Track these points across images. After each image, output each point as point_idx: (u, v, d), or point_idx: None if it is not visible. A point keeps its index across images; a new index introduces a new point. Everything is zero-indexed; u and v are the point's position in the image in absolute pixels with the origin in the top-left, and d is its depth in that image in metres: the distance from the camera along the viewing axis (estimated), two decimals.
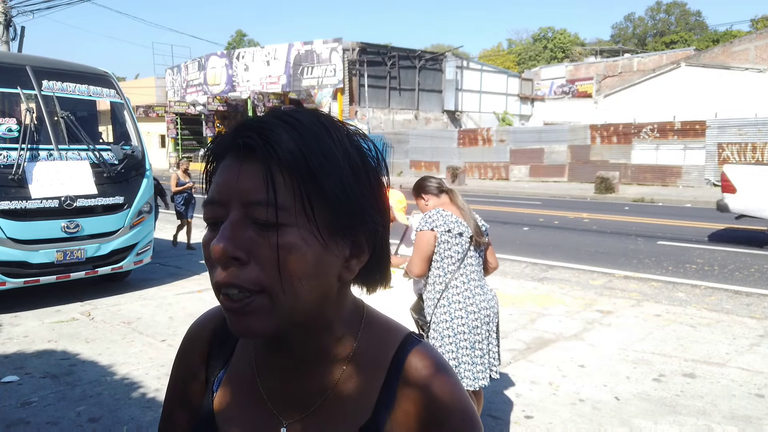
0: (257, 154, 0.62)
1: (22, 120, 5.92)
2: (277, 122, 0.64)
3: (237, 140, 0.64)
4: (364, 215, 0.67)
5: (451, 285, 2.95)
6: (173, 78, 36.11)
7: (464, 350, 2.88)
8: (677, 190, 19.28)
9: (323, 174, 0.63)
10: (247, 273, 0.62)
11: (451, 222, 2.94)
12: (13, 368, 4.46)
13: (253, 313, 0.63)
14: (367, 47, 28.38)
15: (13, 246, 5.63)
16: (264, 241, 0.62)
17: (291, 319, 0.65)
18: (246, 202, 0.62)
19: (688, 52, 37.07)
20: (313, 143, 0.64)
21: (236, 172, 0.63)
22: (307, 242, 0.63)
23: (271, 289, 0.62)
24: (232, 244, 0.61)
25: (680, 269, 7.86)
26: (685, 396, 3.97)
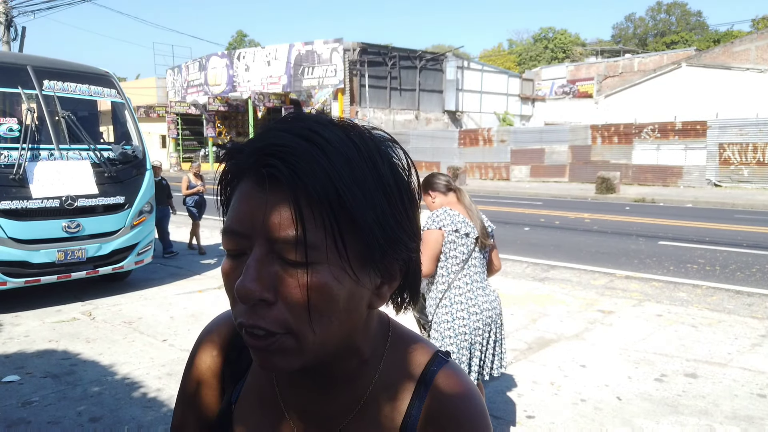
0: (283, 185, 0.57)
1: (23, 120, 5.93)
2: (303, 145, 0.58)
3: (260, 169, 0.58)
4: (398, 243, 0.62)
5: (453, 285, 2.94)
6: (174, 78, 36.10)
7: (463, 350, 2.88)
8: (678, 191, 19.26)
9: (356, 206, 0.58)
10: (273, 314, 0.58)
11: (458, 222, 2.93)
12: (14, 368, 4.46)
13: (278, 353, 0.59)
14: (367, 47, 28.37)
15: (14, 246, 5.63)
16: (292, 280, 0.57)
17: (318, 355, 0.62)
18: (272, 238, 0.57)
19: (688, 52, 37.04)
20: (345, 170, 0.58)
21: (260, 203, 0.58)
22: (338, 280, 0.59)
23: (298, 331, 0.58)
24: (260, 285, 0.57)
25: (681, 269, 7.85)
26: (687, 396, 3.96)
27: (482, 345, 2.93)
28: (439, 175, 3.22)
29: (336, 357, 0.66)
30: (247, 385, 0.76)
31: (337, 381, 0.69)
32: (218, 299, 6.46)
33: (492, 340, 2.98)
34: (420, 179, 0.70)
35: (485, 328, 2.92)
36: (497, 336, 3.02)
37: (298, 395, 0.71)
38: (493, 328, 2.98)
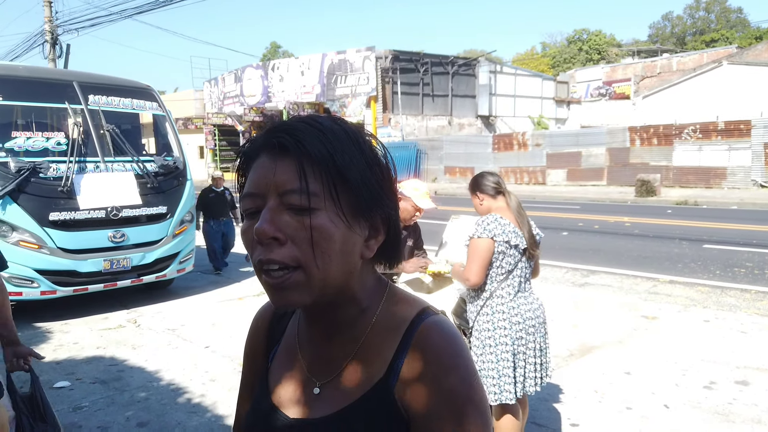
0: (290, 151, 0.73)
1: (70, 134, 6.15)
2: (304, 126, 0.76)
3: (272, 140, 0.75)
4: (379, 200, 0.78)
5: (496, 294, 2.86)
6: (211, 90, 36.89)
7: (505, 362, 2.79)
8: (722, 192, 18.67)
9: (345, 167, 0.74)
10: (285, 251, 0.72)
11: (509, 232, 2.81)
12: (65, 374, 4.61)
13: (290, 287, 0.73)
14: (399, 55, 28.46)
15: (62, 255, 5.83)
16: (298, 224, 0.72)
17: (324, 291, 0.75)
18: (282, 191, 0.73)
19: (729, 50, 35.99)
20: (336, 142, 0.75)
21: (272, 167, 0.74)
22: (334, 223, 0.74)
23: (306, 265, 0.73)
24: (272, 226, 0.72)
25: (728, 273, 7.60)
26: (738, 404, 3.83)
27: (525, 354, 2.83)
28: (487, 175, 3.04)
29: (337, 302, 0.80)
30: (280, 346, 0.93)
31: (338, 327, 0.82)
32: (257, 306, 6.55)
33: (536, 348, 2.88)
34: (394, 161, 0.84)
35: (528, 338, 2.83)
36: (542, 345, 2.92)
37: (310, 344, 0.86)
38: (537, 336, 2.88)
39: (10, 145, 5.81)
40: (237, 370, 4.65)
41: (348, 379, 0.81)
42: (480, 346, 2.86)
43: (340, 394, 0.81)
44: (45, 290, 5.80)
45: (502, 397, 2.79)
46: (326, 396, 0.82)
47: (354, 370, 0.81)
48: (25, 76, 6.33)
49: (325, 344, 0.84)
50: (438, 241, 3.58)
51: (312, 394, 0.83)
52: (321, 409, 0.82)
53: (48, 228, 5.74)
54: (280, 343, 0.93)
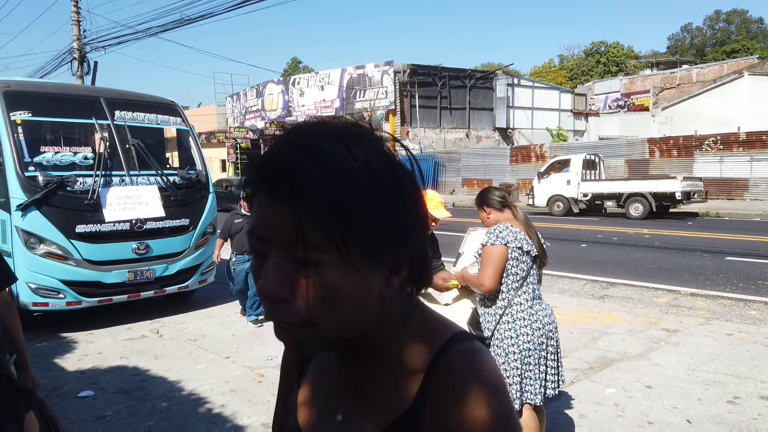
0: (285, 197, 0.64)
1: (96, 148, 6.31)
2: (305, 162, 0.64)
3: (266, 185, 0.66)
4: (399, 239, 0.69)
5: (514, 302, 2.92)
6: (233, 105, 37.46)
7: (529, 366, 2.86)
8: (744, 204, 18.39)
9: (353, 212, 0.64)
10: (293, 310, 0.67)
11: (521, 239, 2.90)
12: (89, 383, 4.69)
13: (302, 342, 0.69)
14: (417, 69, 28.64)
15: (88, 267, 5.96)
16: (304, 280, 0.65)
17: (338, 338, 0.70)
18: (284, 242, 0.65)
19: (750, 60, 35.56)
20: (341, 180, 0.64)
21: (272, 212, 0.66)
22: (344, 277, 0.66)
23: (316, 322, 0.67)
24: (277, 286, 0.66)
25: (752, 286, 7.49)
26: (763, 420, 3.77)
27: (546, 359, 2.91)
28: (493, 190, 3.16)
29: (358, 339, 0.74)
30: (310, 366, 0.88)
31: (363, 356, 0.77)
32: None
33: (553, 353, 2.95)
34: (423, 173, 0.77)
35: (548, 342, 2.91)
36: (557, 348, 3.00)
37: (337, 369, 0.81)
38: (554, 341, 2.96)
39: (39, 159, 5.98)
40: (257, 380, 4.70)
41: (372, 409, 0.76)
42: (503, 354, 2.91)
43: (363, 423, 0.77)
44: (71, 301, 5.93)
45: (524, 397, 2.87)
46: (349, 424, 0.78)
47: (379, 399, 0.76)
48: (54, 93, 6.52)
49: (350, 370, 0.79)
50: (455, 253, 3.61)
51: (335, 420, 0.79)
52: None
53: (74, 240, 5.88)
54: (311, 362, 0.89)
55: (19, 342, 2.32)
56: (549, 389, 2.95)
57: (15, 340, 2.28)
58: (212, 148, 35.54)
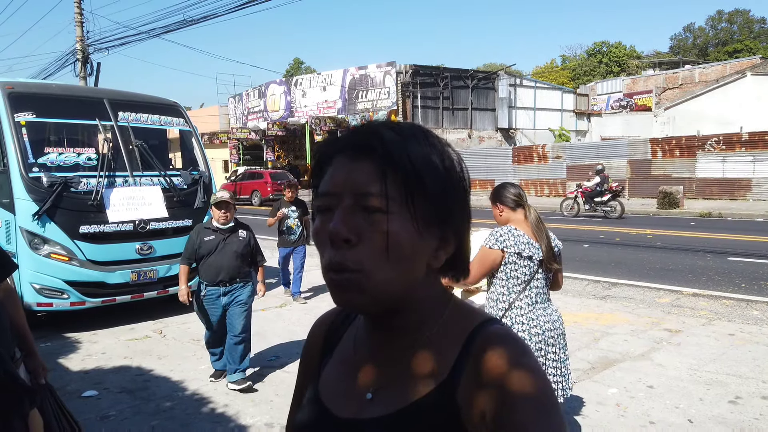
0: (373, 154, 0.74)
1: (100, 149, 6.34)
2: (388, 131, 0.76)
3: (357, 141, 0.76)
4: (452, 213, 0.78)
5: (515, 305, 2.89)
6: (235, 106, 37.50)
7: None
8: (747, 204, 18.36)
9: (425, 174, 0.74)
10: (353, 253, 0.72)
11: (522, 243, 2.86)
12: (93, 383, 4.72)
13: (353, 288, 0.73)
14: (419, 69, 28.65)
15: (92, 267, 5.99)
16: (371, 226, 0.73)
17: (385, 295, 0.75)
18: (358, 193, 0.73)
19: (753, 60, 35.46)
20: (417, 148, 0.75)
21: (351, 168, 0.75)
22: (406, 229, 0.73)
23: (372, 268, 0.73)
24: (346, 227, 0.72)
25: (754, 286, 7.48)
26: (765, 419, 3.78)
27: (545, 366, 2.84)
28: (509, 187, 3.09)
29: (400, 308, 0.79)
30: (335, 353, 0.92)
31: (400, 333, 0.81)
32: (280, 317, 6.63)
33: (556, 360, 2.89)
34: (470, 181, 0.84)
35: (547, 348, 2.85)
36: (561, 356, 2.93)
37: (369, 349, 0.85)
38: (556, 348, 2.89)
39: (43, 160, 6.01)
40: (260, 381, 4.72)
41: (404, 384, 0.79)
42: None
43: (394, 397, 0.79)
44: (74, 301, 5.96)
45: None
46: (379, 401, 0.81)
47: (412, 376, 0.79)
48: (57, 94, 6.55)
49: (384, 350, 0.83)
50: None
51: (365, 399, 0.82)
52: (373, 412, 0.80)
53: (78, 240, 5.91)
54: (334, 350, 0.93)
55: (24, 329, 2.36)
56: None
57: (19, 328, 2.32)
58: (215, 149, 35.60)
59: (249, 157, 36.81)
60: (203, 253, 4.61)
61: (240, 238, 4.69)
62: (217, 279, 4.58)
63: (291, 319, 6.56)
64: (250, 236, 4.78)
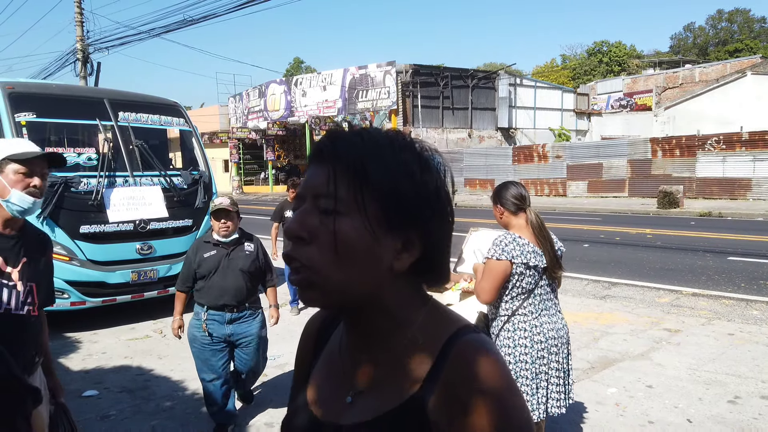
0: (326, 157, 0.77)
1: (100, 149, 6.34)
2: (348, 133, 0.79)
3: (317, 147, 0.80)
4: (416, 214, 0.77)
5: (518, 312, 2.79)
6: (235, 105, 37.51)
7: (524, 379, 2.72)
8: (747, 204, 18.36)
9: (376, 174, 0.75)
10: (306, 251, 0.75)
11: (528, 253, 2.74)
12: (93, 383, 4.73)
13: (309, 287, 0.76)
14: (419, 69, 28.65)
15: (92, 267, 5.99)
16: (323, 226, 0.75)
17: (339, 294, 0.77)
18: (314, 194, 0.77)
19: (753, 60, 35.44)
20: (373, 149, 0.76)
21: (312, 172, 0.79)
22: (357, 232, 0.74)
23: (322, 267, 0.75)
24: (299, 226, 0.76)
25: (754, 286, 7.49)
26: (763, 419, 3.79)
27: (547, 374, 2.76)
28: (511, 187, 2.92)
29: (369, 310, 0.80)
30: (323, 353, 0.94)
31: (373, 337, 0.82)
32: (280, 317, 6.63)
33: (558, 369, 2.80)
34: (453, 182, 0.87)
35: (550, 357, 2.75)
36: (564, 365, 2.84)
37: (349, 352, 0.86)
38: (559, 356, 2.80)
39: None
40: (260, 380, 4.73)
41: (380, 391, 0.80)
42: None
43: (371, 404, 0.80)
44: (75, 301, 5.97)
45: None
46: (358, 405, 0.82)
47: (387, 383, 0.80)
48: (58, 94, 6.56)
49: (360, 354, 0.84)
50: (457, 253, 3.63)
51: (344, 402, 0.83)
52: (351, 417, 0.81)
53: (78, 240, 5.92)
54: (324, 349, 0.95)
55: (46, 348, 2.41)
56: (553, 407, 2.80)
57: (43, 346, 2.37)
58: (215, 149, 35.62)
59: (249, 156, 36.84)
60: (203, 273, 3.75)
61: (246, 252, 3.84)
62: (221, 303, 3.74)
63: (291, 319, 6.56)
64: (258, 249, 3.93)
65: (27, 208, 2.05)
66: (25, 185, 2.02)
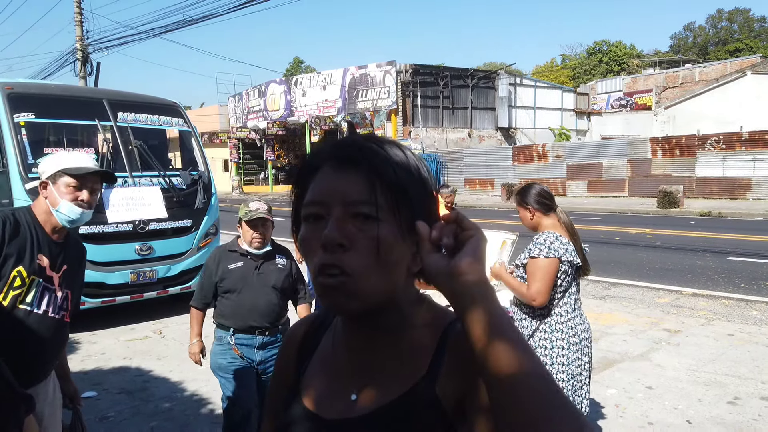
0: (359, 165, 0.79)
1: (99, 149, 6.33)
2: (369, 144, 0.82)
3: (341, 154, 0.81)
4: (429, 218, 0.81)
5: (555, 312, 2.76)
6: (235, 105, 37.50)
7: (561, 382, 2.67)
8: (747, 203, 18.36)
9: (407, 183, 0.80)
10: (346, 257, 0.77)
11: (571, 251, 2.73)
12: (92, 384, 4.71)
13: (345, 291, 0.77)
14: (419, 68, 28.65)
15: (91, 268, 5.95)
16: (362, 233, 0.77)
17: (372, 298, 0.79)
18: (349, 201, 0.78)
19: (753, 59, 35.44)
20: (397, 161, 0.81)
21: (338, 178, 0.79)
22: (393, 235, 0.78)
23: (363, 273, 0.77)
24: (339, 233, 0.77)
25: (754, 286, 7.49)
26: (763, 420, 3.78)
27: (581, 375, 2.73)
28: (538, 187, 2.88)
29: (384, 309, 0.82)
30: (314, 358, 0.95)
31: (381, 332, 0.85)
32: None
33: (587, 369, 2.78)
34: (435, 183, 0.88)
35: (584, 359, 2.73)
36: (591, 366, 2.83)
37: (350, 351, 0.88)
38: (587, 358, 2.78)
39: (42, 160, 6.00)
40: None
41: (387, 382, 0.84)
42: None
43: (378, 394, 0.84)
44: None
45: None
46: (364, 399, 0.85)
47: (393, 373, 0.84)
48: (57, 95, 6.55)
49: (365, 351, 0.86)
50: None
51: (349, 400, 0.86)
52: (358, 410, 0.84)
53: None
54: (313, 355, 0.96)
55: (63, 356, 2.47)
56: (585, 407, 2.77)
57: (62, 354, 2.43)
58: (215, 148, 35.63)
59: (249, 156, 36.85)
60: (228, 287, 3.22)
61: (279, 266, 3.32)
62: (249, 323, 3.21)
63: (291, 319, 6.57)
64: (291, 264, 3.41)
65: (75, 218, 2.17)
66: (74, 197, 2.16)
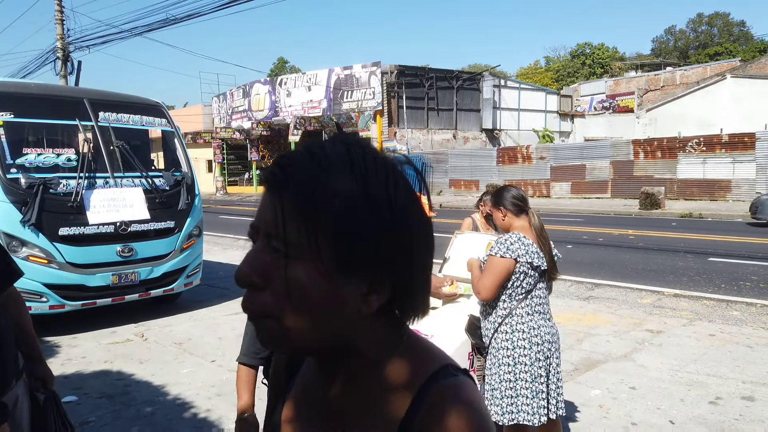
0: (284, 189, 0.66)
1: (80, 150, 6.23)
2: (304, 157, 0.67)
3: (267, 173, 0.69)
4: (381, 255, 0.66)
5: (515, 312, 2.79)
6: (219, 105, 37.21)
7: (523, 382, 2.71)
8: (727, 205, 18.64)
9: (334, 215, 0.64)
10: (260, 298, 0.66)
11: (533, 253, 2.77)
12: (72, 388, 4.63)
13: (268, 335, 0.68)
14: (405, 70, 28.68)
15: (71, 270, 5.89)
16: (277, 270, 0.65)
17: (303, 343, 0.69)
18: (267, 232, 0.66)
19: (733, 63, 36.05)
20: (329, 179, 0.65)
21: (265, 202, 0.68)
22: (313, 279, 0.65)
23: (280, 316, 0.66)
24: (250, 269, 0.66)
25: (734, 287, 7.59)
26: (744, 420, 3.83)
27: (545, 377, 2.75)
28: (512, 190, 2.97)
29: (337, 353, 0.72)
30: (296, 382, 0.85)
31: (345, 378, 0.74)
32: None
33: (554, 374, 2.80)
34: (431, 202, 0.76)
35: (547, 361, 2.75)
36: (557, 371, 2.84)
37: (321, 389, 0.78)
38: (553, 362, 2.80)
39: (22, 161, 5.90)
40: None
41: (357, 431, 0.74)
42: (497, 364, 2.78)
43: None
44: (53, 304, 5.85)
45: (519, 417, 2.72)
46: None
47: (365, 423, 0.73)
48: (36, 94, 6.43)
49: (333, 392, 0.76)
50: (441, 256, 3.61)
51: None
52: None
53: (57, 243, 5.81)
54: (296, 377, 0.87)
55: (30, 334, 2.33)
56: (559, 408, 2.80)
57: (26, 334, 2.30)
58: (198, 149, 35.34)
59: (233, 157, 36.61)
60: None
61: None
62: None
63: None
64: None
65: None
66: None
